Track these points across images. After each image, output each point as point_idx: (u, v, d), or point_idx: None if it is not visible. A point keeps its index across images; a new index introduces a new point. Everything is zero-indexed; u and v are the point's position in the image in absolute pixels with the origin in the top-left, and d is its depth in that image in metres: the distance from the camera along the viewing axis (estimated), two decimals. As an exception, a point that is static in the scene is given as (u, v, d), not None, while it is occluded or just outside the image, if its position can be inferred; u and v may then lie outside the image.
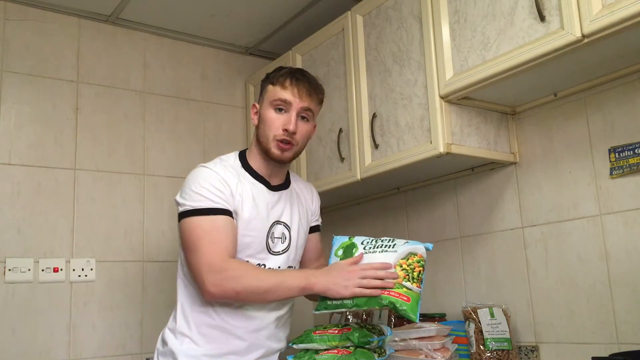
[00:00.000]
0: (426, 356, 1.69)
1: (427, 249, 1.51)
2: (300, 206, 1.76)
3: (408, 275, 1.45)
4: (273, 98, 1.62)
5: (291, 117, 1.61)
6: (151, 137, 2.69)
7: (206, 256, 1.49)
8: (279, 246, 1.67)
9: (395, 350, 1.71)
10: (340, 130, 2.26)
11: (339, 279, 1.45)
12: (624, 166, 1.72)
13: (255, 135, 1.69)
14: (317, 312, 1.52)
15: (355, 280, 1.43)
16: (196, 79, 2.89)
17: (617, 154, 1.74)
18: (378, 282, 1.43)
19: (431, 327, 1.78)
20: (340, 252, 1.58)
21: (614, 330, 1.72)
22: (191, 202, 1.55)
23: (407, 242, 1.52)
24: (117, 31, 2.69)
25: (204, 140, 2.84)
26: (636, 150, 1.70)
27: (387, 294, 1.43)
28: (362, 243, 1.56)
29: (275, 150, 1.61)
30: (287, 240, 1.69)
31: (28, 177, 2.36)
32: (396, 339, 1.72)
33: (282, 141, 1.60)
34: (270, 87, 1.65)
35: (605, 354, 1.60)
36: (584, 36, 1.46)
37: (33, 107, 2.43)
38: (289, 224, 1.70)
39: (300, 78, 1.63)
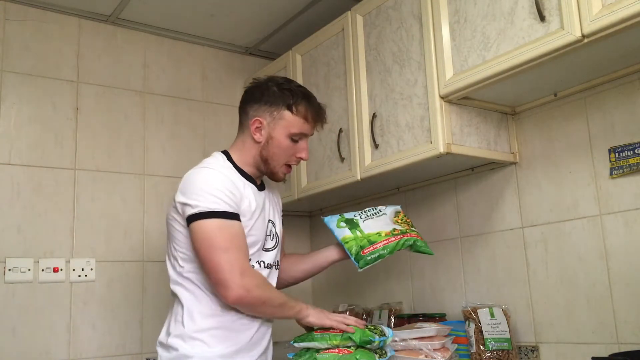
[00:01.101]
0: (426, 356, 1.69)
1: (400, 208, 1.86)
2: (275, 204, 1.82)
3: (408, 224, 1.78)
4: (293, 131, 1.65)
5: (306, 146, 1.70)
6: (151, 137, 2.69)
7: (238, 261, 1.51)
8: (269, 243, 1.71)
9: (396, 350, 1.71)
10: (340, 130, 2.26)
11: (326, 319, 1.62)
12: (624, 166, 1.72)
13: (255, 149, 1.68)
14: (361, 269, 1.67)
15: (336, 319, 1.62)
16: (196, 79, 2.89)
17: (617, 154, 1.74)
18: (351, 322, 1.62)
19: (431, 327, 1.78)
20: (343, 224, 1.76)
21: (614, 330, 1.72)
22: (207, 203, 1.53)
23: (385, 206, 1.83)
24: (117, 31, 2.69)
25: (204, 140, 2.84)
26: (636, 150, 1.70)
27: (408, 236, 1.72)
28: (356, 216, 1.79)
29: (281, 175, 1.71)
30: (275, 237, 1.74)
31: (28, 177, 2.36)
32: (396, 339, 1.72)
33: (290, 166, 1.71)
34: (288, 114, 1.65)
35: (605, 354, 1.60)
36: (584, 36, 1.46)
37: (33, 107, 2.43)
38: (274, 222, 1.75)
39: (320, 112, 1.70)
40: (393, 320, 2.26)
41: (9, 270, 2.26)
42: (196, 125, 2.83)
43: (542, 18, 1.54)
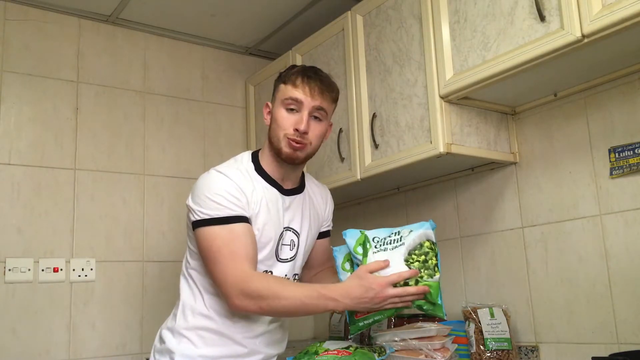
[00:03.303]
0: (426, 356, 1.69)
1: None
2: (312, 211, 1.72)
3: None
4: (284, 97, 1.58)
5: (303, 117, 1.55)
6: (151, 137, 2.69)
7: (229, 270, 1.46)
8: (287, 253, 1.63)
9: (395, 350, 1.71)
10: (340, 130, 2.26)
11: (368, 304, 1.37)
12: (624, 166, 1.72)
13: (268, 137, 1.63)
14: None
15: (383, 304, 1.37)
16: (196, 79, 2.89)
17: (617, 154, 1.74)
18: (408, 299, 1.38)
19: (431, 327, 1.78)
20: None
21: (614, 330, 1.71)
22: (207, 210, 1.50)
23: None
24: (117, 31, 2.69)
25: (204, 140, 2.84)
26: (636, 150, 1.70)
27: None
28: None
29: (286, 149, 1.56)
30: (295, 247, 1.65)
31: (28, 177, 2.36)
32: (396, 339, 1.72)
33: (293, 140, 1.55)
34: (282, 86, 1.60)
35: (605, 354, 1.59)
36: (584, 36, 1.46)
37: (33, 107, 2.43)
38: (298, 231, 1.66)
39: (312, 76, 1.58)
40: (393, 320, 2.25)
41: (9, 270, 2.26)
42: (196, 125, 2.83)
43: (542, 18, 1.54)
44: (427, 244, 1.41)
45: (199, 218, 1.51)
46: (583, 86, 1.82)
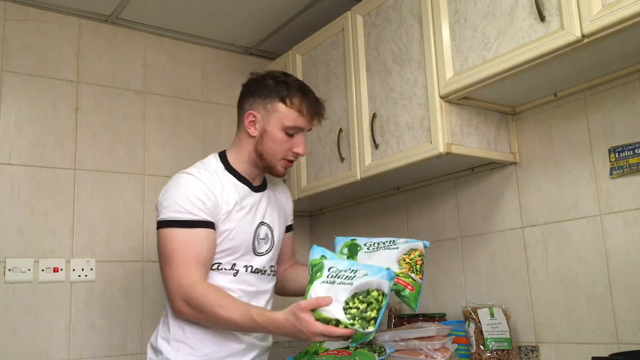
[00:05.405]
0: (426, 356, 1.69)
1: (425, 246, 1.59)
2: (278, 206, 1.76)
3: (412, 267, 1.54)
4: (288, 123, 1.59)
5: (302, 141, 1.62)
6: (151, 137, 2.69)
7: (177, 272, 1.49)
8: (263, 247, 1.67)
9: (395, 350, 1.71)
10: (340, 130, 2.26)
11: (298, 339, 1.42)
12: (624, 166, 1.72)
13: (250, 144, 1.63)
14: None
15: (312, 339, 1.35)
16: (196, 79, 2.89)
17: (617, 154, 1.74)
18: (334, 338, 1.35)
19: (431, 327, 1.78)
20: (345, 251, 1.60)
21: (614, 330, 1.72)
22: (170, 212, 1.52)
23: (406, 240, 1.59)
24: (117, 31, 2.69)
25: (204, 140, 2.84)
26: (636, 150, 1.70)
27: (397, 281, 1.49)
28: (365, 244, 1.60)
29: (281, 169, 1.64)
30: (270, 240, 1.69)
31: (28, 177, 2.36)
32: (396, 338, 1.72)
33: (290, 161, 1.63)
34: (282, 107, 1.59)
35: (605, 354, 1.60)
36: (584, 36, 1.46)
37: (33, 107, 2.43)
38: (271, 225, 1.70)
39: (317, 106, 1.63)
40: (393, 320, 2.25)
41: (9, 270, 2.26)
42: (196, 125, 2.83)
43: (542, 18, 1.54)
44: (374, 293, 1.31)
45: (162, 218, 1.54)
46: (583, 86, 1.82)
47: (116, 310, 2.46)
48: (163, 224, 1.54)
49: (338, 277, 1.35)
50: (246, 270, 1.62)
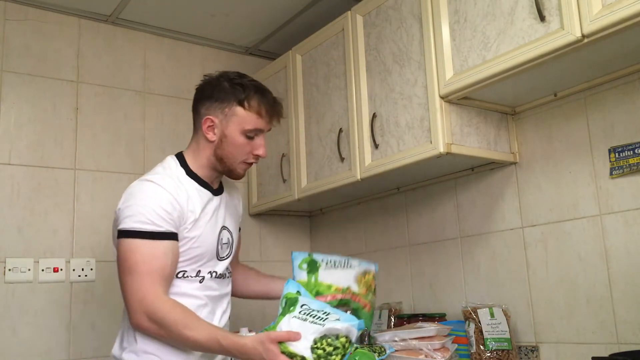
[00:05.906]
0: (426, 356, 1.69)
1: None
2: (233, 209, 1.74)
3: (368, 288, 1.64)
4: (248, 127, 1.57)
5: (263, 143, 1.61)
6: (151, 137, 2.69)
7: (140, 286, 1.44)
8: (225, 251, 1.66)
9: (395, 350, 1.71)
10: (340, 130, 2.26)
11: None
12: (624, 166, 1.72)
13: (209, 148, 1.61)
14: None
15: None
16: (196, 79, 2.85)
17: (617, 154, 1.74)
18: None
19: (431, 327, 1.78)
20: (305, 266, 1.62)
21: (614, 330, 1.72)
22: (133, 222, 1.47)
23: (360, 262, 1.67)
24: (117, 31, 2.69)
25: (204, 140, 2.84)
26: (636, 150, 1.70)
27: (356, 300, 1.60)
28: (322, 261, 1.64)
29: (241, 172, 1.63)
30: (230, 244, 1.67)
31: (28, 177, 2.36)
32: (396, 338, 1.72)
33: (250, 163, 1.63)
34: (240, 110, 1.57)
35: (605, 354, 1.60)
36: (584, 36, 1.46)
37: (33, 107, 2.42)
38: (230, 229, 1.68)
39: (275, 106, 1.61)
40: (393, 320, 2.25)
41: (9, 270, 2.26)
42: (196, 125, 2.83)
43: (542, 18, 1.54)
44: (343, 339, 1.35)
45: (124, 228, 1.48)
46: (583, 86, 1.82)
47: (116, 310, 2.46)
48: (125, 234, 1.48)
49: (310, 316, 1.39)
50: (211, 277, 1.60)
